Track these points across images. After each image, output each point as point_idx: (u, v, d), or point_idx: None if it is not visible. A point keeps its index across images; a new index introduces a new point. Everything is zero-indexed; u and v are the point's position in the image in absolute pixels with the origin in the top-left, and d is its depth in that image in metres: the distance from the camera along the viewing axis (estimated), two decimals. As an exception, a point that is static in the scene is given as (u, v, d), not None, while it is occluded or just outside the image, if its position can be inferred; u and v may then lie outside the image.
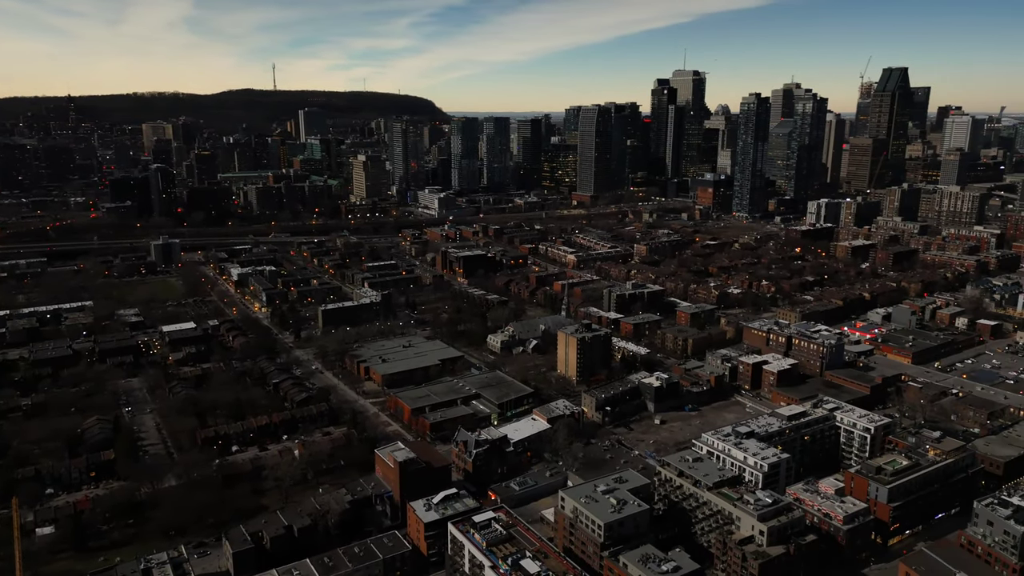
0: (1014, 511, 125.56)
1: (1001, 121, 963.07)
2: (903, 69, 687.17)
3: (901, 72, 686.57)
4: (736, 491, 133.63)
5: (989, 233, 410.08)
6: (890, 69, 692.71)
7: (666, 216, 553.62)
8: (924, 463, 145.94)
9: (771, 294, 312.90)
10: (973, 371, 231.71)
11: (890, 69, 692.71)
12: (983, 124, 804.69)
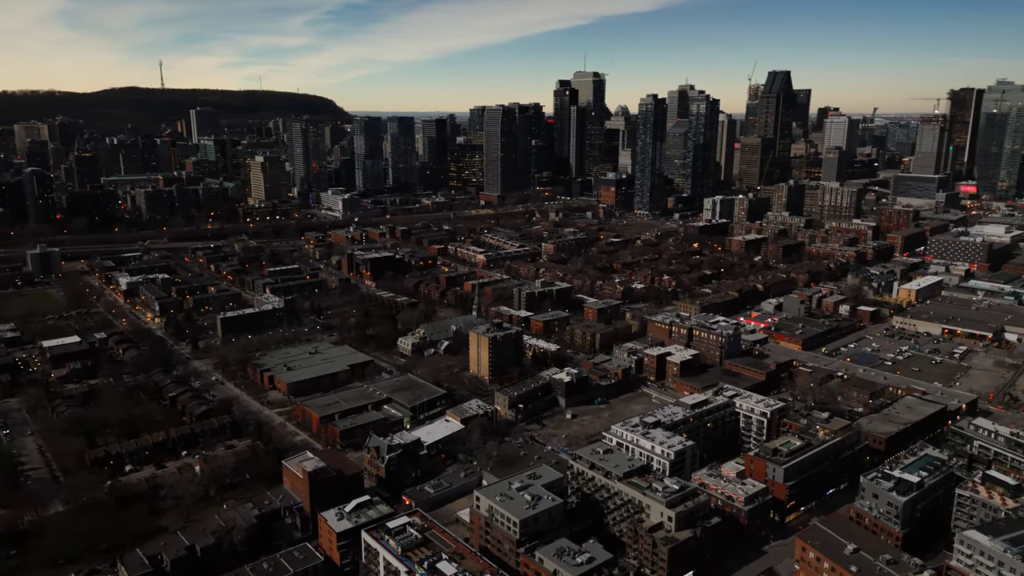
0: (896, 483, 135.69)
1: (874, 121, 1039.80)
2: (786, 72, 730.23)
3: (785, 75, 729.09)
4: (645, 480, 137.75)
5: (866, 225, 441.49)
6: (775, 72, 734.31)
7: (572, 215, 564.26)
8: (815, 443, 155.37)
9: (672, 288, 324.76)
10: (856, 354, 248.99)
11: (775, 72, 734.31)
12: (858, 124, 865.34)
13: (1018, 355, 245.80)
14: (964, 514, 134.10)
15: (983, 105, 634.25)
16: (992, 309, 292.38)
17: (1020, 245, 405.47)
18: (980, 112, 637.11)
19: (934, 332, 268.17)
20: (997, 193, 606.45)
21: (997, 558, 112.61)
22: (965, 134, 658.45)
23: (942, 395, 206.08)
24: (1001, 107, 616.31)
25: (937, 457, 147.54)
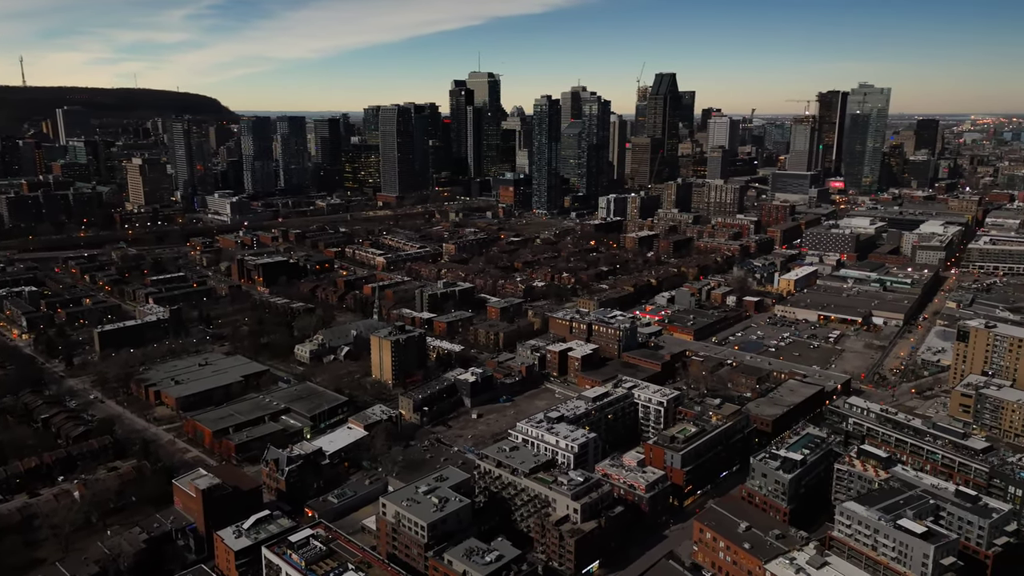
0: (782, 462, 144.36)
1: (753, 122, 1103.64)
2: (672, 75, 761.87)
3: (671, 77, 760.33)
4: (551, 474, 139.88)
5: (749, 220, 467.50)
6: (662, 74, 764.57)
7: (472, 215, 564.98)
8: (709, 428, 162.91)
9: (571, 285, 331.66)
10: (743, 342, 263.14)
11: (662, 74, 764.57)
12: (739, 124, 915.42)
13: (884, 337, 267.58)
14: (843, 487, 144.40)
15: (847, 106, 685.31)
16: (861, 295, 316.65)
17: (883, 236, 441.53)
18: (845, 113, 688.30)
19: (811, 319, 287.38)
20: (862, 188, 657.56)
21: (872, 526, 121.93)
22: (833, 133, 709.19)
23: (820, 377, 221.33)
24: (863, 108, 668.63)
25: (817, 435, 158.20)
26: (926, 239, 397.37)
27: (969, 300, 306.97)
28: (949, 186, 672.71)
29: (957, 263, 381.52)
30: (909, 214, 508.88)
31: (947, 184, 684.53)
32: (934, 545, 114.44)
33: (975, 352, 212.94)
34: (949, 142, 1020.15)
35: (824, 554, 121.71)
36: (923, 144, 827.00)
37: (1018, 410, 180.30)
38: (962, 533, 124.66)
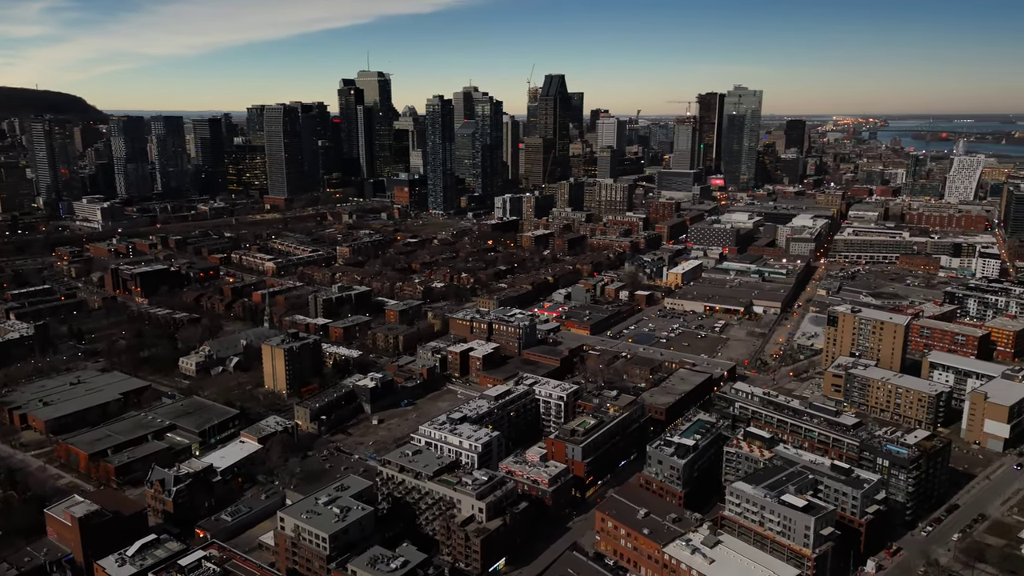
0: (676, 448, 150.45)
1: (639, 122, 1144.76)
2: (561, 76, 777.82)
3: (560, 79, 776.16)
4: (455, 476, 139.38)
5: (638, 218, 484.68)
6: (551, 76, 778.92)
7: (366, 216, 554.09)
8: (607, 419, 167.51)
9: (470, 285, 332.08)
10: (636, 335, 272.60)
11: (551, 76, 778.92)
12: (626, 125, 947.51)
13: (764, 325, 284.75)
14: (732, 468, 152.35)
15: (725, 107, 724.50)
16: (742, 286, 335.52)
17: (760, 229, 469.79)
18: (723, 114, 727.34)
19: (698, 310, 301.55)
20: (740, 185, 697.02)
21: (759, 503, 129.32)
22: (712, 133, 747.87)
23: (708, 365, 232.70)
24: (739, 109, 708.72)
25: (707, 420, 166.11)
26: (798, 232, 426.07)
27: (837, 287, 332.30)
28: (816, 182, 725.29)
29: (825, 253, 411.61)
30: (782, 209, 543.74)
31: (814, 180, 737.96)
32: (814, 517, 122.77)
33: (843, 335, 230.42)
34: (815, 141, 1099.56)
35: (717, 533, 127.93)
36: (792, 143, 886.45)
37: (882, 387, 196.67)
38: (838, 504, 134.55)
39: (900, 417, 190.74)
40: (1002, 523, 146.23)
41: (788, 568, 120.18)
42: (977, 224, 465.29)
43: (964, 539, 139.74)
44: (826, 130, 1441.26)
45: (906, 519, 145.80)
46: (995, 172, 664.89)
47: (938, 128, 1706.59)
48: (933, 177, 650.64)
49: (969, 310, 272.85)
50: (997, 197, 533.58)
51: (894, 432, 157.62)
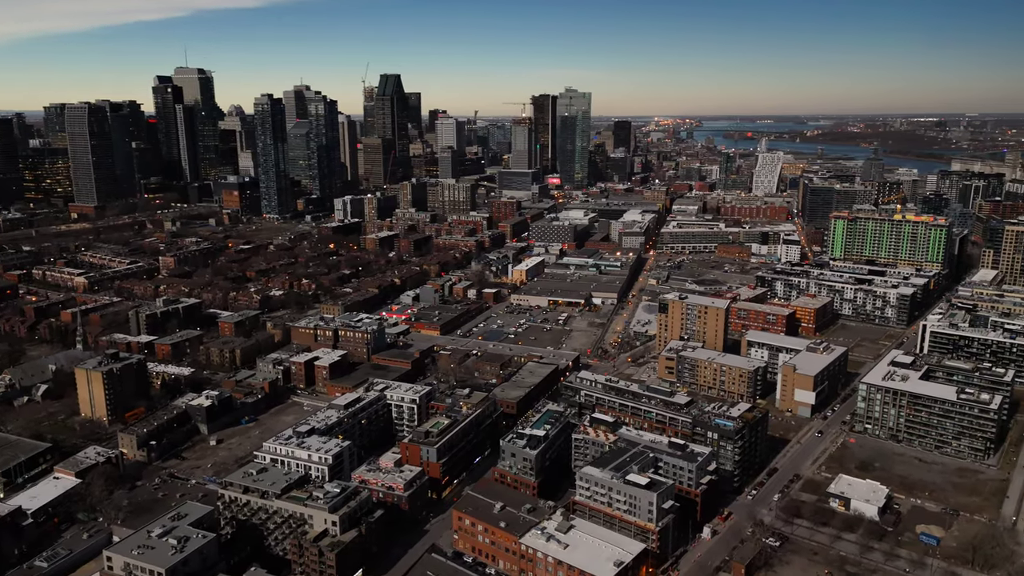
0: (527, 440, 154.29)
1: (477, 123, 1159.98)
2: (397, 76, 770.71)
3: (396, 78, 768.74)
4: (305, 490, 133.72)
5: (481, 217, 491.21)
6: (387, 75, 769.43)
7: (192, 223, 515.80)
8: (460, 418, 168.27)
9: (313, 291, 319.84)
10: (485, 332, 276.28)
11: (387, 75, 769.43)
12: (464, 125, 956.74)
13: (603, 315, 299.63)
14: (580, 454, 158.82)
15: (557, 109, 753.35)
16: (582, 280, 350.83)
17: (595, 225, 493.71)
18: (556, 115, 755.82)
19: (543, 304, 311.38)
20: (575, 183, 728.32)
21: (607, 485, 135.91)
22: (547, 134, 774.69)
23: (554, 357, 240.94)
24: (570, 111, 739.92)
25: (556, 410, 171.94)
26: (629, 226, 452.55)
27: (665, 277, 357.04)
28: (643, 179, 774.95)
29: (654, 246, 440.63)
30: (614, 205, 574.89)
31: (642, 177, 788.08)
32: (656, 493, 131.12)
33: (673, 321, 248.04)
34: (640, 141, 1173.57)
35: (570, 518, 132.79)
36: (620, 143, 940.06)
37: (708, 366, 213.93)
38: (676, 478, 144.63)
39: (725, 393, 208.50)
40: (813, 480, 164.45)
41: (635, 543, 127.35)
42: (780, 214, 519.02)
43: (783, 498, 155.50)
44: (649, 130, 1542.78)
45: (734, 485, 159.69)
46: (792, 167, 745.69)
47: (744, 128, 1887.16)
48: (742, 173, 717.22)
49: (777, 292, 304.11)
50: (795, 189, 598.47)
51: (721, 407, 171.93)
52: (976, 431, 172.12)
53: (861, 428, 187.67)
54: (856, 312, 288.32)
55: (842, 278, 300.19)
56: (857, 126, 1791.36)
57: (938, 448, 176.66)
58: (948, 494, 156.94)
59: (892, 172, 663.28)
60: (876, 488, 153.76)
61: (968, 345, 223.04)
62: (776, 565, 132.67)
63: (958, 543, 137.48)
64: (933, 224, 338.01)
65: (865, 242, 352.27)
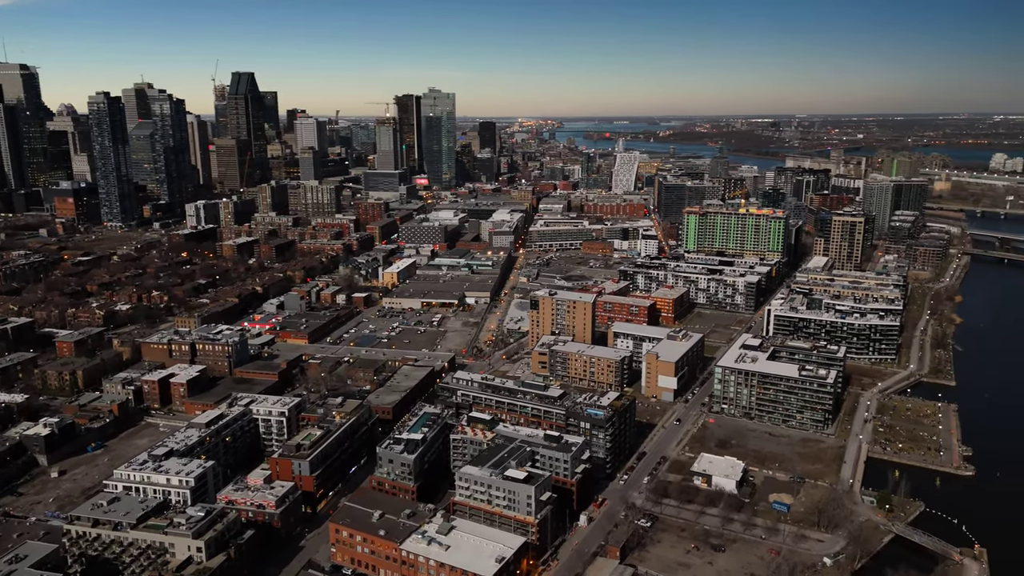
0: (405, 445, 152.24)
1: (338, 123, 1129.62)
2: (250, 74, 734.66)
3: (249, 76, 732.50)
4: (164, 517, 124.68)
5: (348, 219, 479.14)
6: (239, 73, 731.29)
7: (19, 234, 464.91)
8: (334, 428, 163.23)
9: (165, 304, 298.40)
10: (357, 338, 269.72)
11: (239, 73, 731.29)
12: (326, 126, 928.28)
13: (477, 314, 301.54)
14: (459, 454, 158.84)
15: (422, 110, 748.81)
16: (454, 280, 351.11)
17: (465, 225, 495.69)
18: (421, 115, 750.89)
19: (416, 306, 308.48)
20: (443, 184, 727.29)
21: (486, 482, 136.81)
22: (412, 134, 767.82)
23: (430, 359, 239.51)
24: (435, 111, 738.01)
25: (433, 412, 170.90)
26: (498, 226, 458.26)
27: (535, 274, 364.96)
28: (510, 179, 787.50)
29: (523, 244, 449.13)
30: (483, 205, 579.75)
31: (508, 177, 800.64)
32: (534, 486, 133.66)
33: (544, 316, 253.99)
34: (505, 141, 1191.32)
35: (450, 519, 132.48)
36: (486, 143, 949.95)
37: (579, 359, 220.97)
38: (553, 469, 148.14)
39: (595, 383, 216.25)
40: (678, 461, 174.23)
41: (515, 538, 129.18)
42: (638, 211, 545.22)
43: (652, 480, 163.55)
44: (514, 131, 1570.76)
45: (607, 472, 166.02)
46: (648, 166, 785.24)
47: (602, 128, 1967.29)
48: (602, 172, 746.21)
49: (639, 284, 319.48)
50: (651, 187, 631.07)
51: (592, 397, 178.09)
52: (816, 404, 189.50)
53: (718, 408, 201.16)
54: (710, 300, 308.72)
55: (696, 269, 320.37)
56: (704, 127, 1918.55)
57: (785, 422, 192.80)
58: (795, 463, 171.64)
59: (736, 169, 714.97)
60: (734, 463, 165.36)
61: (806, 326, 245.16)
62: (648, 544, 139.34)
63: (805, 508, 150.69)
64: (773, 217, 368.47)
65: (715, 235, 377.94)
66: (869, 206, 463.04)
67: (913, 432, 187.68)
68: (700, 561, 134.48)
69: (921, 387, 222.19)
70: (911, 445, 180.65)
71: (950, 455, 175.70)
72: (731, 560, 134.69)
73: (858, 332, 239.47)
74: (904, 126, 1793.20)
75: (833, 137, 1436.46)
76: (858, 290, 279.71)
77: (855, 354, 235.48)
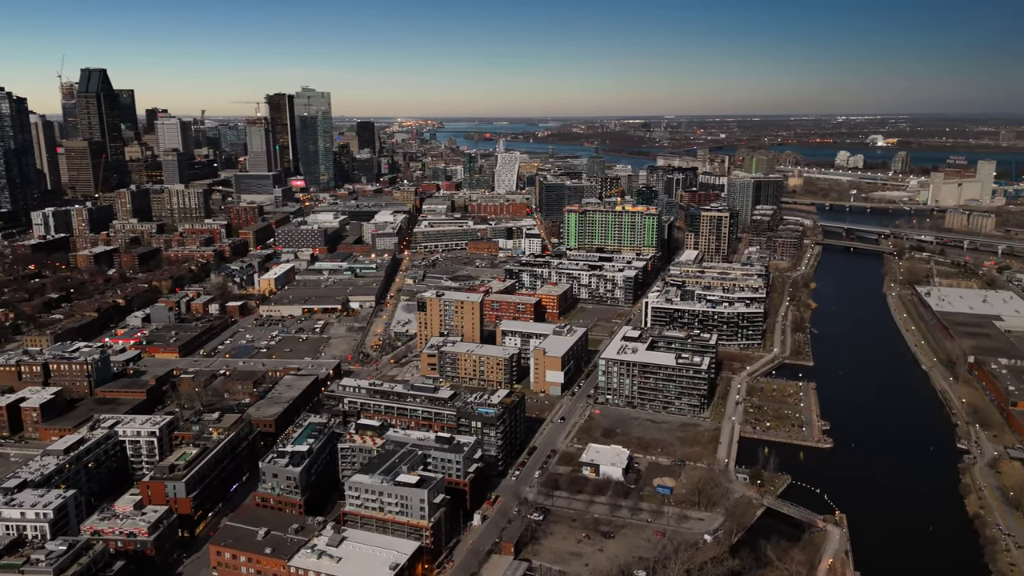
0: (290, 457, 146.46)
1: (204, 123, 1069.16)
2: (102, 71, 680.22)
3: (101, 73, 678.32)
4: (20, 555, 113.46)
5: (219, 225, 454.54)
6: (88, 70, 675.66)
7: None
8: (211, 445, 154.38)
9: (11, 321, 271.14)
10: (233, 349, 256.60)
11: (88, 70, 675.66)
12: (191, 126, 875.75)
13: (362, 319, 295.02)
14: (348, 463, 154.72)
15: (295, 109, 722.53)
16: (337, 284, 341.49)
17: (347, 228, 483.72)
18: (294, 115, 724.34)
19: (297, 313, 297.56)
20: (321, 185, 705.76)
21: (377, 490, 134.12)
22: (286, 135, 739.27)
23: (313, 367, 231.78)
24: (310, 111, 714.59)
25: (319, 422, 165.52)
26: (381, 228, 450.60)
27: (422, 275, 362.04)
28: (392, 180, 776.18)
29: (408, 245, 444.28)
30: (365, 207, 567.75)
31: (390, 178, 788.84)
32: (426, 489, 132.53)
33: (432, 318, 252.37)
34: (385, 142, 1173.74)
35: (341, 531, 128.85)
36: (365, 144, 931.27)
37: (468, 358, 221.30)
38: (445, 471, 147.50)
39: (485, 382, 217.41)
40: (567, 453, 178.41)
41: (409, 543, 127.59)
42: (521, 210, 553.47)
43: (543, 474, 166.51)
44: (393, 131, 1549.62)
45: (499, 469, 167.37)
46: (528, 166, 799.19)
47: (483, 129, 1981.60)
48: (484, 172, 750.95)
49: (524, 282, 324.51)
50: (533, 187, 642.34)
51: (482, 396, 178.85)
52: (692, 390, 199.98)
53: (603, 399, 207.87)
54: (591, 295, 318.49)
55: (578, 266, 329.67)
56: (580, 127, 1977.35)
57: (665, 408, 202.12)
58: (676, 447, 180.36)
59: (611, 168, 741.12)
60: (619, 452, 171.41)
61: (681, 316, 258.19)
62: (541, 537, 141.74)
63: (686, 489, 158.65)
64: (647, 214, 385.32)
65: (594, 232, 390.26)
66: (733, 201, 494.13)
67: (779, 411, 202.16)
68: (591, 549, 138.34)
69: (784, 368, 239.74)
70: (777, 423, 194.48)
71: (811, 430, 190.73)
72: (620, 545, 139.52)
73: (727, 320, 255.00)
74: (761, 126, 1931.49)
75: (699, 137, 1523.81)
76: (726, 281, 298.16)
77: (726, 341, 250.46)
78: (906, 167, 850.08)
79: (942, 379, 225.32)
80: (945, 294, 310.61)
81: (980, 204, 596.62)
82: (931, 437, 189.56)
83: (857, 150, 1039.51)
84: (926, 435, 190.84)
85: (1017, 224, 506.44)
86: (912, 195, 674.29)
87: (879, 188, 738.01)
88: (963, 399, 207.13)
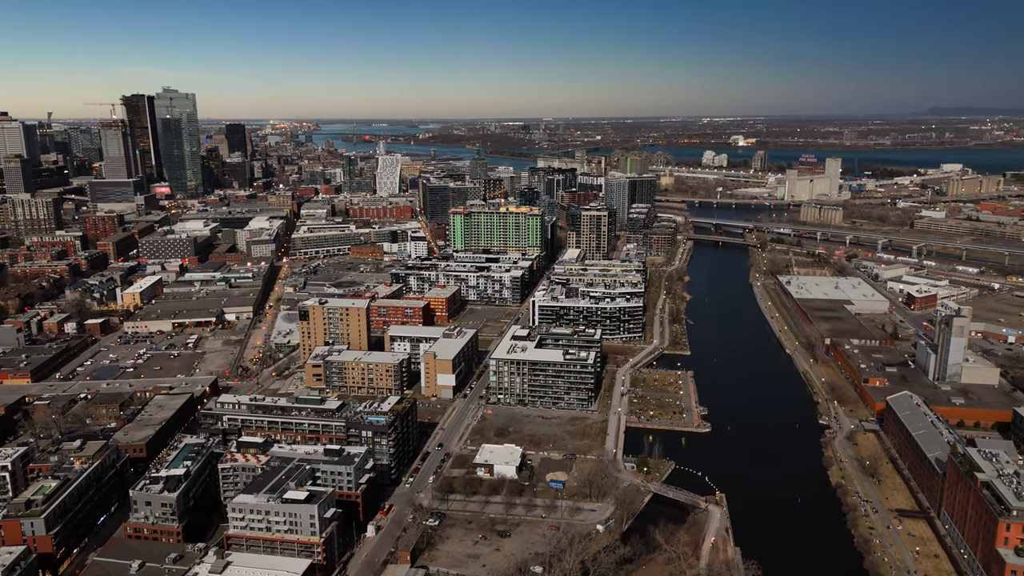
0: (164, 482, 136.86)
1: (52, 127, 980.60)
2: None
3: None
4: None
5: (73, 236, 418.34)
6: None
7: None
8: (73, 476, 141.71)
9: None
10: (95, 370, 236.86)
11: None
12: (35, 130, 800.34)
13: (239, 331, 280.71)
14: (231, 483, 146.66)
15: (157, 111, 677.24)
16: (210, 296, 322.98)
17: (219, 235, 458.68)
18: (155, 117, 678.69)
19: (166, 328, 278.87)
20: (189, 192, 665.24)
21: (263, 509, 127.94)
22: (147, 138, 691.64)
23: (188, 385, 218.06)
24: (172, 113, 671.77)
25: (196, 443, 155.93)
26: (256, 234, 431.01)
27: (302, 283, 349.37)
28: (266, 184, 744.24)
29: (287, 252, 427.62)
30: (238, 213, 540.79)
31: (264, 183, 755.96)
32: (316, 504, 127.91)
33: (316, 326, 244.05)
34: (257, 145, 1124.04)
35: (225, 556, 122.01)
36: (235, 147, 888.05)
37: (356, 367, 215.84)
38: (336, 484, 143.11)
39: (375, 390, 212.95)
40: (461, 455, 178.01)
41: (300, 561, 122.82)
42: (405, 213, 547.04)
43: (437, 479, 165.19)
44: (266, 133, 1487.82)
45: (392, 477, 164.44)
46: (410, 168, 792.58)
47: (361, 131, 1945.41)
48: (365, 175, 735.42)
49: (411, 286, 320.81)
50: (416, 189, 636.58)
51: (372, 404, 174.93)
52: (580, 384, 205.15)
53: (495, 399, 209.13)
54: (480, 296, 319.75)
55: (465, 268, 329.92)
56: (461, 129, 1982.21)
57: (555, 404, 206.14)
58: (567, 442, 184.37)
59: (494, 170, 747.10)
60: (513, 450, 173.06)
61: (567, 313, 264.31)
62: (438, 543, 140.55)
63: (578, 482, 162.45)
64: (530, 214, 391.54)
65: (480, 233, 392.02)
66: (611, 201, 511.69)
67: (661, 400, 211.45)
68: (488, 549, 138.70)
69: (664, 359, 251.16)
70: (660, 412, 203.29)
71: (691, 416, 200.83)
72: (516, 543, 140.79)
73: (610, 315, 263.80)
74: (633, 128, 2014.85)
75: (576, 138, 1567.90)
76: (607, 277, 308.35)
77: (609, 335, 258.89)
78: (764, 165, 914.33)
79: (803, 361, 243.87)
80: (803, 282, 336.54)
81: (829, 198, 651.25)
82: (797, 414, 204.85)
83: (721, 149, 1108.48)
84: (792, 413, 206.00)
85: (861, 216, 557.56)
86: (771, 191, 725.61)
87: (742, 185, 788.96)
88: (823, 378, 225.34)
